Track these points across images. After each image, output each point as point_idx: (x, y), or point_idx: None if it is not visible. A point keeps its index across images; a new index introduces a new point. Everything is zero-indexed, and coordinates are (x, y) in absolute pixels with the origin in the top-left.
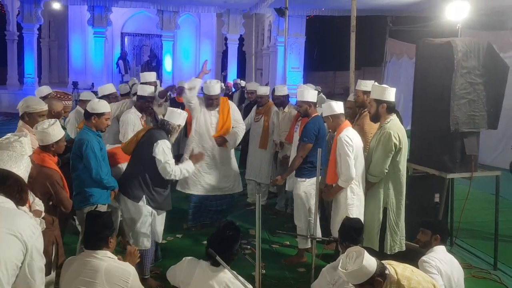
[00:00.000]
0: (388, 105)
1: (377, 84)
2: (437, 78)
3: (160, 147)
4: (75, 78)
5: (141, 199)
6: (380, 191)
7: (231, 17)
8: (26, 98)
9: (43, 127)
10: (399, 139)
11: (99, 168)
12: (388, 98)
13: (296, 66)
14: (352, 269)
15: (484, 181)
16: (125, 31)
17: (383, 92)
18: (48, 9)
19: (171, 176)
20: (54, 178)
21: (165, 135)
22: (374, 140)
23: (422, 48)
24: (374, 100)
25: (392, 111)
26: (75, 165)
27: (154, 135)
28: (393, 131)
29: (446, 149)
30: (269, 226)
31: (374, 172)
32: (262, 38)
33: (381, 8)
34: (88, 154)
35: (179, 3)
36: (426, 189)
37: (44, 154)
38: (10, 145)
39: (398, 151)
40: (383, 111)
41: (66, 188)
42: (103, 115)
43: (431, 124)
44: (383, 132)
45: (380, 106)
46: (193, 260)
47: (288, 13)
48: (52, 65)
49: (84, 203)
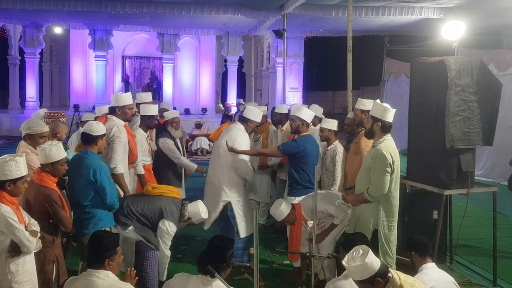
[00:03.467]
0: (383, 124)
1: (379, 102)
2: (432, 96)
3: None
4: (76, 101)
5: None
6: (369, 213)
7: (230, 39)
8: (28, 120)
9: (44, 147)
10: (392, 160)
11: (113, 193)
12: (386, 118)
13: (295, 86)
14: (355, 264)
15: (482, 198)
16: (126, 54)
17: (383, 111)
18: (49, 34)
19: None
20: (52, 197)
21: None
22: (369, 159)
23: (417, 67)
24: (371, 117)
25: (387, 131)
26: (85, 192)
27: None
28: (386, 152)
29: (442, 166)
30: (269, 245)
31: (375, 194)
32: (261, 60)
33: (378, 28)
34: (103, 180)
35: (179, 26)
36: (424, 206)
37: (43, 174)
38: (6, 164)
39: (392, 172)
40: (377, 129)
41: (65, 208)
42: (105, 136)
43: (427, 141)
44: (377, 152)
45: (375, 124)
46: (184, 275)
47: (286, 34)
48: (54, 88)
49: (93, 228)
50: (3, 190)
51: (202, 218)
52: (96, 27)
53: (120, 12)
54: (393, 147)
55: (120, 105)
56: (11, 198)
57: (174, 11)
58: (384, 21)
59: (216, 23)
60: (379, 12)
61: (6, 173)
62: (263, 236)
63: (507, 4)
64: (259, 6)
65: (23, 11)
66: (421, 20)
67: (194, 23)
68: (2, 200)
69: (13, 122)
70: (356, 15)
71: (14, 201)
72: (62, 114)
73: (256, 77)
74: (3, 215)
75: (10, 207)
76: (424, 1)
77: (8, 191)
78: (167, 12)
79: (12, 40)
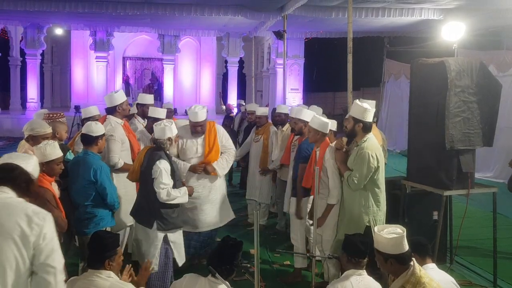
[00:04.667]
0: (364, 125)
1: (358, 102)
2: (432, 97)
3: (157, 168)
4: (77, 102)
5: (153, 225)
6: (361, 210)
7: (231, 41)
8: (31, 121)
9: (39, 145)
10: (376, 158)
11: (113, 193)
12: (366, 119)
13: (296, 87)
14: (389, 237)
15: (482, 199)
16: (127, 55)
17: (363, 112)
18: (51, 35)
19: (163, 198)
20: (45, 196)
21: (162, 154)
22: (352, 158)
23: (416, 68)
24: (352, 118)
25: (368, 130)
26: (86, 192)
27: (152, 156)
28: (370, 150)
29: (442, 167)
30: (270, 245)
31: (352, 184)
32: (262, 61)
33: (377, 29)
34: (104, 180)
35: (179, 28)
36: (424, 207)
37: (40, 173)
38: None
39: (376, 170)
40: (359, 129)
41: (60, 208)
42: (104, 136)
43: (427, 142)
44: (360, 152)
45: (357, 125)
46: (193, 276)
47: (287, 35)
48: (55, 89)
49: (94, 228)
50: None
51: (171, 131)
52: (97, 28)
53: (121, 13)
54: (376, 145)
55: (119, 103)
56: None
57: (175, 13)
58: (384, 22)
59: (216, 24)
60: (379, 13)
61: None
62: (263, 237)
63: (507, 5)
64: (260, 8)
65: (24, 12)
66: (421, 21)
67: (195, 24)
68: None
69: (14, 123)
70: (356, 16)
71: None
72: (62, 114)
73: (257, 78)
74: None
75: None
76: (424, 2)
77: None
78: (168, 14)
79: (13, 41)
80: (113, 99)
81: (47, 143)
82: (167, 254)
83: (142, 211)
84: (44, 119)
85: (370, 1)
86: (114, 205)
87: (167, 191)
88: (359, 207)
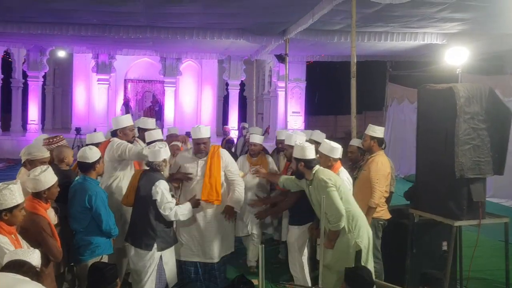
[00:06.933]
0: (305, 163)
1: (298, 143)
2: (440, 123)
3: (159, 189)
4: (78, 124)
5: (153, 247)
6: (345, 237)
7: (232, 64)
8: (28, 145)
9: (35, 174)
10: (331, 178)
11: (109, 220)
12: (307, 157)
13: (297, 110)
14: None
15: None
16: (129, 78)
17: (302, 151)
18: (53, 57)
19: (172, 218)
20: (41, 224)
21: (159, 174)
22: (314, 194)
23: (424, 93)
24: (294, 159)
25: (311, 167)
26: (81, 217)
27: (149, 179)
28: (324, 175)
29: (452, 196)
30: (272, 276)
31: (334, 220)
32: (263, 83)
33: (380, 53)
34: (99, 206)
35: (181, 50)
36: (433, 237)
37: (36, 201)
38: (0, 193)
39: (338, 189)
40: (302, 168)
41: (55, 236)
42: (101, 159)
43: (435, 170)
44: (316, 182)
45: (299, 164)
46: None
47: (288, 59)
48: (56, 111)
49: (90, 256)
50: (0, 219)
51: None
52: (99, 51)
53: (124, 36)
54: (327, 171)
55: (120, 127)
56: (8, 228)
57: (177, 36)
58: (387, 46)
59: (218, 48)
60: (382, 37)
61: (1, 203)
62: (266, 267)
63: (510, 30)
64: (262, 32)
65: (28, 35)
66: (424, 46)
67: (197, 47)
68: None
69: (14, 145)
70: (359, 40)
71: (12, 231)
72: (61, 137)
73: (258, 101)
74: (1, 247)
75: (7, 238)
76: (427, 27)
77: (5, 221)
78: (170, 37)
79: (16, 63)
80: (116, 122)
81: (42, 170)
82: (161, 278)
83: (139, 234)
84: (44, 144)
85: (373, 25)
86: (110, 232)
87: (175, 211)
88: (345, 236)
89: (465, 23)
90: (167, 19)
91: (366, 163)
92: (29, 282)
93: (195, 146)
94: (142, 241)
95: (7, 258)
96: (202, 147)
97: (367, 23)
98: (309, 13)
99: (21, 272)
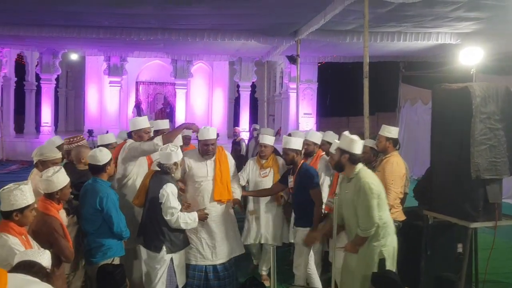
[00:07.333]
0: (350, 156)
1: (346, 133)
2: (456, 124)
3: (165, 192)
4: (90, 126)
5: (162, 249)
6: (371, 244)
7: (243, 65)
8: (40, 146)
9: (47, 175)
10: (377, 185)
11: (120, 222)
12: (354, 151)
13: (309, 112)
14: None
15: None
16: (140, 80)
17: (349, 143)
18: (66, 60)
19: (173, 224)
20: (53, 225)
21: (169, 177)
22: (350, 193)
23: (438, 93)
24: (338, 149)
25: (356, 162)
26: (93, 219)
27: (158, 181)
28: (368, 179)
29: (468, 197)
30: (283, 277)
31: (366, 227)
32: (274, 85)
33: (393, 53)
34: (110, 208)
35: (192, 52)
36: (448, 239)
37: (48, 202)
38: (11, 193)
39: (379, 196)
40: (345, 161)
41: (67, 237)
42: (112, 160)
43: (451, 171)
44: (359, 184)
45: (342, 156)
46: None
47: (300, 60)
48: (69, 113)
49: (102, 257)
50: (11, 220)
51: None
52: (111, 53)
53: (135, 39)
54: (371, 173)
55: (135, 129)
56: (19, 229)
57: (188, 38)
58: (400, 47)
59: (229, 49)
60: (395, 37)
61: (12, 203)
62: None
63: None
64: (273, 33)
65: (40, 38)
66: (438, 46)
67: (208, 49)
68: (9, 231)
69: (28, 147)
70: (372, 40)
71: (22, 232)
72: (81, 137)
73: (269, 103)
74: (11, 248)
75: (18, 239)
76: (440, 26)
77: (16, 221)
78: (181, 39)
79: (29, 66)
80: (132, 124)
81: (55, 171)
82: (172, 281)
83: (149, 236)
84: (65, 144)
85: (386, 25)
86: (122, 234)
87: (177, 217)
88: (371, 243)
89: (479, 23)
90: (178, 21)
91: (380, 164)
92: (39, 283)
93: (203, 147)
94: (151, 242)
95: (17, 258)
96: (210, 148)
97: (379, 23)
98: (320, 14)
99: (31, 273)
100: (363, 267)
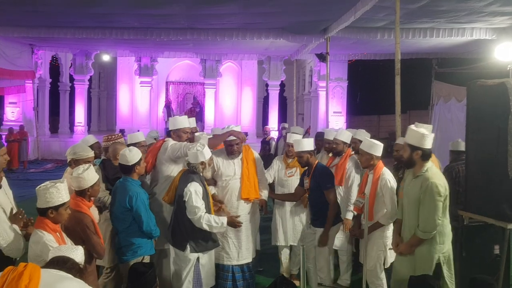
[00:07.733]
0: (423, 152)
1: (414, 128)
2: (492, 121)
3: (188, 191)
4: (122, 126)
5: (186, 247)
6: (432, 247)
7: (272, 64)
8: (74, 145)
9: (78, 173)
10: (445, 187)
11: (149, 221)
12: (425, 146)
13: (339, 110)
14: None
15: None
16: (170, 80)
17: (420, 138)
18: (98, 61)
19: (196, 223)
20: (84, 222)
21: (195, 176)
22: (417, 191)
23: (474, 90)
24: (408, 145)
25: (427, 158)
26: (123, 218)
27: (185, 179)
28: (437, 180)
29: (505, 197)
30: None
31: (427, 228)
32: (303, 83)
33: (425, 50)
34: (139, 207)
35: (221, 52)
36: (484, 240)
37: (79, 199)
38: (47, 191)
39: (445, 200)
40: (417, 158)
41: (98, 233)
42: (141, 160)
43: (487, 170)
44: (426, 183)
45: (415, 153)
46: None
47: (329, 58)
48: (101, 113)
49: (132, 256)
50: (46, 217)
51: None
52: (141, 54)
53: (165, 39)
54: (440, 173)
55: (174, 128)
56: (54, 226)
57: (217, 37)
58: (433, 43)
59: (258, 48)
60: (427, 33)
61: (48, 200)
62: None
63: None
64: (302, 31)
65: (73, 40)
66: (472, 42)
67: (236, 48)
68: (45, 228)
69: (62, 146)
70: (403, 37)
71: (57, 229)
72: (119, 135)
73: (298, 101)
74: (45, 244)
75: (53, 235)
76: (475, 22)
77: (51, 218)
78: (210, 38)
79: (63, 68)
80: (171, 123)
81: (85, 169)
82: (198, 281)
83: (176, 233)
84: (103, 141)
85: (418, 21)
86: (151, 233)
87: (199, 216)
88: (430, 246)
89: None
90: (207, 20)
91: None
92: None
93: (229, 148)
94: (177, 241)
95: (51, 254)
96: (235, 147)
97: (411, 19)
98: (350, 10)
99: (65, 268)
100: (419, 271)
